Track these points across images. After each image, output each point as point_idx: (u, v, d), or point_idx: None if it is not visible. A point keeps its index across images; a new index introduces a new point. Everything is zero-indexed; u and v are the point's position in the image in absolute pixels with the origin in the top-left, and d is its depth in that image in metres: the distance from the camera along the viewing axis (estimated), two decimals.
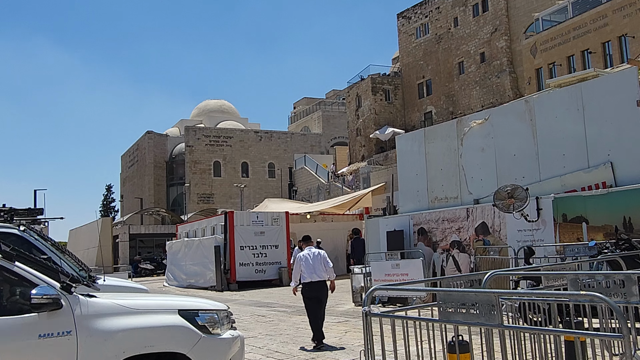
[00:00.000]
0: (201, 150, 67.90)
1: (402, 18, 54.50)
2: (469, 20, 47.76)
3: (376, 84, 53.04)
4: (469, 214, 12.53)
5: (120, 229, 42.83)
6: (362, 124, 53.76)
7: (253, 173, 70.40)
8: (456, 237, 12.83)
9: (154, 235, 43.95)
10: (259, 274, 23.42)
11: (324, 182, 50.00)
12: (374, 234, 15.01)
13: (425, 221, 13.59)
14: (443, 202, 13.49)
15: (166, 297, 7.08)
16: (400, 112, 53.60)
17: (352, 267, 15.05)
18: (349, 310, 13.97)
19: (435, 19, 50.95)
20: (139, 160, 75.88)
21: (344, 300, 16.40)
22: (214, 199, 65.88)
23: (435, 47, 50.78)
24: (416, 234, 13.86)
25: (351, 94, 55.87)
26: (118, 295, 6.02)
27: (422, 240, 13.71)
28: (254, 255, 23.43)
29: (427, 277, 13.17)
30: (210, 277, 23.66)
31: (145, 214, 51.91)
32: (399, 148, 14.88)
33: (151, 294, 7.64)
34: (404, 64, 53.70)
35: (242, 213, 24.37)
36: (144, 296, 6.63)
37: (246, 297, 19.24)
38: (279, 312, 14.53)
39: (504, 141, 12.17)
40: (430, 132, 13.98)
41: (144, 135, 73.20)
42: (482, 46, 46.27)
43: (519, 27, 44.74)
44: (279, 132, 74.01)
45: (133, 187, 78.73)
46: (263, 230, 23.77)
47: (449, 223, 12.99)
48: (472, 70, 47.47)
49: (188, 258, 26.07)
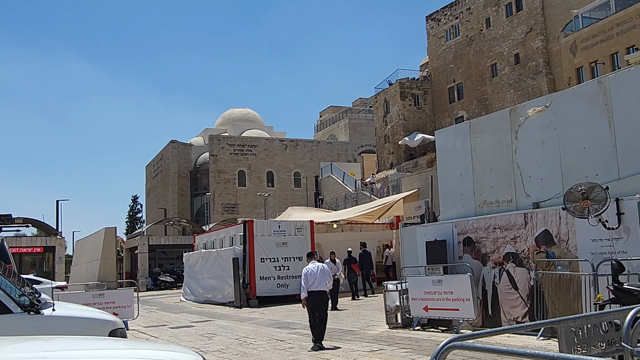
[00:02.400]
0: (225, 160, 66.55)
1: (432, 20, 52.67)
2: (502, 20, 45.74)
3: (405, 89, 51.11)
4: (527, 220, 10.42)
5: (139, 240, 41.31)
6: (390, 131, 51.78)
7: (278, 182, 68.79)
8: (511, 249, 10.72)
9: (175, 246, 42.39)
10: (281, 289, 21.44)
11: (352, 191, 48.08)
12: (411, 244, 12.95)
13: (473, 229, 11.50)
14: (494, 206, 11.40)
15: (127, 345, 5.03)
16: (430, 118, 51.58)
17: (385, 284, 13.00)
18: (382, 334, 11.93)
19: (466, 20, 49.04)
20: (162, 170, 74.83)
21: (376, 320, 14.35)
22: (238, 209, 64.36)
23: (467, 49, 48.81)
24: (461, 244, 11.77)
25: (379, 99, 53.96)
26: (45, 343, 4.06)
27: (468, 252, 11.62)
28: (276, 268, 21.48)
29: (476, 296, 11.09)
30: (229, 292, 21.77)
31: (167, 224, 50.40)
32: (439, 145, 12.82)
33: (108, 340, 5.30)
34: (433, 67, 51.70)
35: (262, 222, 22.43)
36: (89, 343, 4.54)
37: (266, 316, 17.29)
38: (301, 335, 12.55)
39: (570, 132, 10.07)
40: (477, 124, 11.90)
41: (167, 144, 72.16)
42: (516, 47, 44.19)
43: (555, 26, 42.57)
44: (305, 141, 72.35)
45: (157, 197, 77.68)
46: (285, 240, 21.82)
47: (502, 231, 10.88)
48: (505, 72, 45.40)
49: (205, 271, 24.23)
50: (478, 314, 11.04)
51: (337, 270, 18.70)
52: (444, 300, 11.36)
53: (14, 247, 36.98)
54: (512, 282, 10.68)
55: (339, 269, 18.90)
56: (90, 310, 7.65)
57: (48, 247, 37.52)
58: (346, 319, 15.17)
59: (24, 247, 37.31)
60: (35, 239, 40.24)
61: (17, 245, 37.04)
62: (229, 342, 12.16)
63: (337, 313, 16.57)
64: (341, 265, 19.48)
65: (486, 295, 11.18)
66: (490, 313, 11.08)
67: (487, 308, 11.15)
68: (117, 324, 6.55)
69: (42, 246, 37.57)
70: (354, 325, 13.68)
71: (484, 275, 11.24)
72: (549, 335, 9.73)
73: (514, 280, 10.63)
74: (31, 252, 37.82)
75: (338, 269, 18.81)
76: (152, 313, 20.61)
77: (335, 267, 18.51)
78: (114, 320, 6.71)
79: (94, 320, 6.59)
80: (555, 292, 9.61)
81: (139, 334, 14.61)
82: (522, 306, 10.44)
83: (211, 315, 18.37)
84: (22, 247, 37.19)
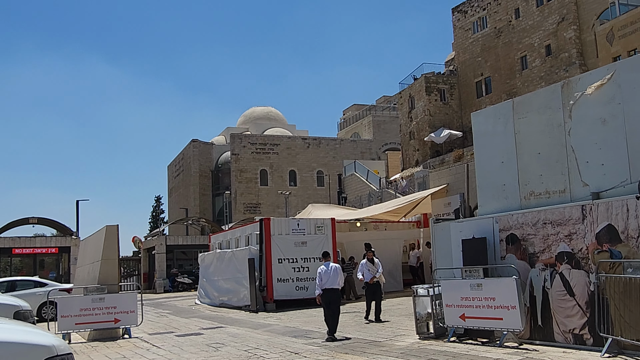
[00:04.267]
0: (247, 159, 65.46)
1: (458, 12, 50.91)
2: (532, 10, 43.85)
3: (430, 84, 49.37)
4: (585, 213, 8.76)
5: (157, 240, 40.13)
6: (415, 127, 50.09)
7: (301, 181, 67.50)
8: (566, 247, 9.06)
9: (195, 246, 41.14)
10: (299, 292, 19.91)
11: (376, 189, 46.45)
12: (444, 243, 11.34)
13: (518, 225, 9.86)
14: (543, 198, 9.74)
15: None
16: (456, 113, 49.81)
17: (415, 287, 11.38)
18: (412, 346, 10.34)
19: (494, 11, 47.21)
20: (184, 170, 74.03)
21: (404, 328, 12.76)
22: (260, 208, 63.21)
23: (495, 41, 47.00)
24: (504, 242, 10.13)
25: (403, 95, 52.24)
26: None
27: (512, 252, 9.97)
28: (294, 269, 19.96)
29: (524, 303, 9.44)
30: (245, 295, 20.31)
31: (186, 223, 49.22)
32: (476, 129, 11.19)
33: None
34: (460, 61, 49.90)
35: (280, 220, 20.88)
36: None
37: (282, 322, 15.78)
38: (318, 347, 11.01)
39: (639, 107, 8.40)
40: (522, 103, 10.24)
41: (189, 144, 71.32)
42: (547, 38, 42.27)
43: (589, 15, 40.61)
44: (328, 139, 70.96)
45: (179, 197, 76.92)
46: (305, 240, 20.28)
47: (554, 227, 9.23)
48: (536, 64, 43.51)
49: (220, 272, 22.80)
50: (525, 324, 9.39)
51: (377, 270, 14.66)
52: (484, 308, 9.74)
53: (28, 248, 36.10)
54: (566, 287, 9.02)
55: (378, 270, 14.67)
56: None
57: (63, 247, 36.51)
58: (370, 327, 13.61)
59: (39, 248, 36.33)
60: (50, 239, 39.29)
61: (32, 245, 36.10)
62: (237, 354, 10.68)
63: (361, 321, 14.97)
64: (381, 266, 14.96)
65: (534, 302, 9.53)
66: (540, 323, 9.43)
67: (535, 317, 9.50)
68: (21, 307, 6.02)
69: (57, 247, 36.57)
70: (379, 335, 12.12)
71: (531, 278, 9.59)
72: (615, 351, 8.09)
73: (569, 285, 8.97)
74: (46, 252, 36.83)
75: (377, 269, 14.66)
76: (162, 318, 19.25)
77: (374, 268, 14.65)
78: (19, 304, 5.85)
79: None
80: (623, 299, 7.95)
81: (141, 342, 13.21)
82: (580, 316, 8.78)
83: (224, 321, 16.93)
84: (37, 248, 36.23)
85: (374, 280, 14.50)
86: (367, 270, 14.59)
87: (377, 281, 14.61)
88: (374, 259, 14.87)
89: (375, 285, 14.53)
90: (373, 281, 14.49)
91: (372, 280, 14.48)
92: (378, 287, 14.60)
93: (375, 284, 14.54)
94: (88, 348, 12.77)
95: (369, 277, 14.51)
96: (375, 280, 14.53)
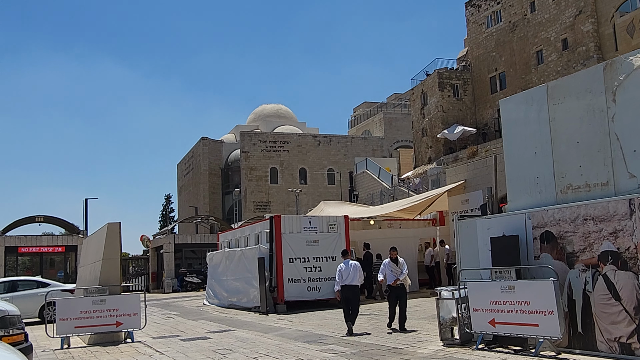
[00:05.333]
0: (257, 156, 64.74)
1: (471, 7, 49.97)
2: (548, 3, 42.90)
3: (443, 79, 48.45)
4: (633, 208, 7.85)
5: (165, 239, 39.39)
6: (428, 123, 49.16)
7: (311, 179, 66.67)
8: (610, 246, 8.15)
9: (204, 245, 40.41)
10: (312, 293, 19.05)
11: (388, 187, 45.54)
12: (469, 241, 10.44)
13: (554, 222, 8.94)
14: (582, 191, 8.83)
15: None
16: (470, 109, 48.85)
17: (439, 289, 10.48)
18: (436, 354, 9.45)
19: (508, 5, 46.27)
20: (194, 168, 73.39)
21: (425, 333, 11.86)
22: (270, 207, 62.44)
23: (509, 36, 46.04)
24: (538, 240, 9.22)
25: (416, 91, 51.29)
26: None
27: (548, 251, 9.06)
28: (306, 269, 19.09)
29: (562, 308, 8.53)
30: (254, 296, 19.47)
31: (195, 222, 48.49)
32: (505, 117, 10.26)
33: None
34: (473, 56, 48.91)
35: (291, 217, 19.99)
36: None
37: (294, 325, 14.93)
38: (334, 354, 10.13)
39: None
40: (558, 87, 9.32)
41: (198, 141, 70.68)
42: (564, 31, 41.30)
43: (607, 8, 39.61)
44: (339, 136, 70.08)
45: (189, 195, 76.30)
46: (317, 238, 19.40)
47: (597, 224, 8.31)
48: (552, 59, 42.54)
49: (229, 272, 21.96)
50: (564, 331, 8.48)
51: (401, 271, 12.86)
52: (517, 313, 8.83)
53: (34, 247, 35.46)
54: (611, 290, 8.11)
55: (403, 270, 12.88)
56: None
57: (70, 246, 35.85)
58: (388, 329, 12.72)
59: (45, 247, 35.68)
60: (57, 238, 38.67)
61: (38, 244, 35.47)
62: None
63: (379, 324, 14.11)
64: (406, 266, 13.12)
65: (574, 306, 8.62)
66: (581, 330, 8.51)
67: (575, 324, 8.59)
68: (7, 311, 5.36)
69: (64, 245, 35.90)
70: (398, 341, 11.22)
71: (570, 280, 8.67)
72: None
73: (615, 288, 8.05)
74: (52, 251, 36.18)
75: (402, 270, 12.87)
76: (169, 320, 18.45)
77: (398, 269, 12.85)
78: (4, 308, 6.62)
79: None
80: None
81: (144, 347, 12.40)
82: (628, 322, 7.87)
83: (232, 324, 16.10)
84: (43, 247, 35.58)
85: (398, 282, 12.81)
86: (389, 271, 12.89)
87: (402, 284, 12.90)
88: (398, 259, 13.10)
89: (399, 289, 12.84)
90: (397, 284, 12.80)
91: (396, 283, 12.80)
92: (403, 290, 12.90)
93: (399, 287, 12.85)
94: (87, 354, 11.98)
95: (392, 278, 12.85)
96: (399, 283, 12.83)
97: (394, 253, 13.15)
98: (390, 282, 12.87)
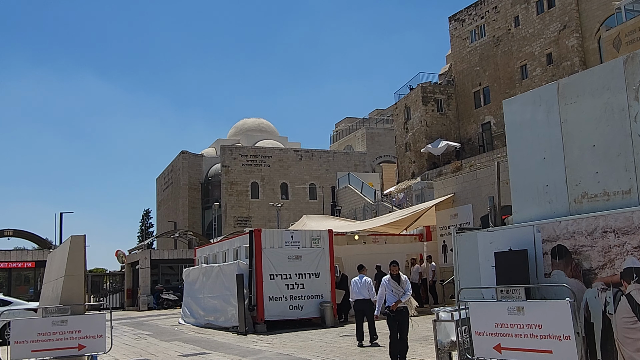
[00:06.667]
0: (238, 171, 63.61)
1: (455, 21, 49.69)
2: (532, 18, 42.67)
3: (427, 94, 47.94)
4: None
5: (141, 254, 37.97)
6: (411, 138, 48.52)
7: (293, 194, 65.63)
8: (636, 262, 7.19)
9: (182, 260, 39.03)
10: (294, 311, 17.94)
11: (371, 202, 44.66)
12: (469, 257, 9.44)
13: (568, 234, 7.99)
14: (600, 201, 7.89)
15: None
16: (454, 124, 48.37)
17: (436, 311, 9.44)
18: None
19: (492, 19, 46.04)
20: (173, 183, 71.99)
21: (419, 358, 10.80)
22: (251, 222, 61.17)
23: (493, 50, 45.79)
24: (549, 255, 8.24)
25: (399, 105, 50.67)
26: None
27: (560, 267, 8.08)
28: (288, 286, 17.99)
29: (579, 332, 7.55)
30: (233, 315, 18.30)
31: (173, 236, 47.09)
32: (509, 119, 9.33)
33: None
34: (457, 71, 48.48)
35: (272, 232, 18.91)
36: None
37: (274, 347, 13.80)
38: None
39: None
40: (570, 85, 8.43)
41: (178, 155, 69.36)
42: (548, 46, 41.08)
43: (592, 23, 39.45)
44: (320, 151, 69.22)
45: (167, 210, 74.77)
46: (299, 253, 18.34)
47: (619, 237, 7.36)
48: (537, 73, 42.23)
49: (206, 289, 20.76)
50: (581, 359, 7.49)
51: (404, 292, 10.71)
52: (527, 337, 7.82)
53: (1, 262, 33.89)
54: (637, 313, 7.14)
55: (405, 291, 10.73)
56: None
57: (41, 262, 34.22)
58: (378, 355, 11.67)
59: (14, 262, 34.10)
60: (27, 253, 37.07)
61: (6, 259, 33.89)
62: None
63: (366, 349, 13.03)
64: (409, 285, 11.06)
65: (591, 330, 7.63)
66: (600, 358, 7.53)
67: (593, 350, 7.60)
68: None
69: (34, 261, 34.34)
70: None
71: (587, 301, 7.70)
72: None
73: None
74: (22, 267, 34.61)
75: (405, 290, 10.73)
76: (140, 341, 17.20)
77: (400, 288, 10.68)
78: None
79: None
80: None
81: None
82: None
83: (208, 345, 14.92)
84: (12, 262, 34.00)
85: (400, 305, 10.61)
86: (390, 290, 10.71)
87: (404, 307, 10.74)
88: (401, 276, 10.89)
89: (401, 313, 10.61)
90: (398, 307, 10.58)
91: (396, 306, 10.55)
92: (406, 315, 10.68)
93: (401, 310, 10.63)
94: None
95: (393, 300, 10.61)
96: (401, 306, 10.64)
97: (395, 269, 10.92)
98: (390, 304, 10.64)
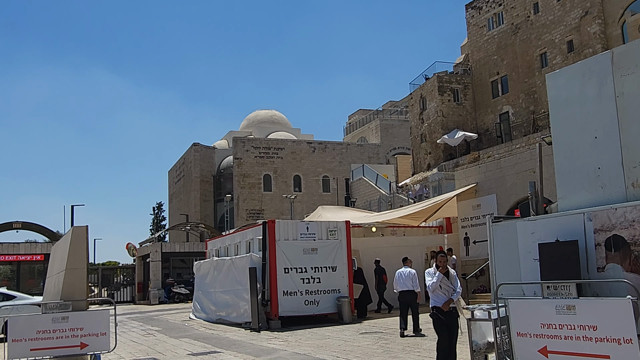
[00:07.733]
0: (250, 163, 62.78)
1: (472, 9, 48.34)
2: (552, 4, 41.29)
3: (443, 83, 46.70)
4: None
5: (152, 247, 37.26)
6: (427, 129, 47.38)
7: (306, 187, 64.74)
8: None
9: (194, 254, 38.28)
10: (309, 307, 17.08)
11: (386, 194, 43.64)
12: (509, 249, 8.50)
13: (625, 223, 7.04)
14: None
15: None
16: (470, 114, 47.14)
17: (472, 308, 8.50)
18: None
19: (510, 7, 44.67)
20: (185, 175, 71.33)
21: None
22: (263, 214, 60.37)
23: (512, 38, 44.44)
24: (602, 247, 7.30)
25: (414, 95, 49.49)
26: None
27: (617, 260, 7.14)
28: (303, 280, 17.13)
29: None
30: (245, 310, 17.47)
31: (185, 229, 46.35)
32: (553, 95, 8.37)
33: None
34: (474, 60, 47.22)
35: (286, 223, 17.98)
36: None
37: (289, 345, 12.94)
38: None
39: None
40: (627, 54, 7.46)
41: (190, 148, 68.65)
42: (569, 33, 39.68)
43: (615, 9, 38.04)
44: (334, 143, 68.26)
45: (179, 203, 74.21)
46: (315, 246, 17.45)
47: None
48: (557, 62, 40.88)
49: (217, 283, 19.95)
50: None
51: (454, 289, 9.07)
52: (579, 340, 6.88)
53: (10, 255, 33.32)
54: None
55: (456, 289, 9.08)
56: None
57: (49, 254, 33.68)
58: (401, 355, 10.77)
59: (23, 255, 33.49)
60: (36, 245, 36.44)
61: (15, 252, 33.28)
62: None
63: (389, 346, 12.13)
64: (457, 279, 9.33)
65: None
66: None
67: None
68: None
69: (43, 254, 33.69)
70: None
71: None
72: None
73: None
74: (31, 260, 33.99)
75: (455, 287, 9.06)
76: (148, 337, 16.41)
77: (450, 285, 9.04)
78: None
79: None
80: None
81: None
82: None
83: (219, 343, 14.09)
84: (21, 255, 33.39)
85: (450, 305, 9.00)
86: (439, 287, 8.98)
87: (454, 308, 9.09)
88: (449, 270, 9.18)
89: (452, 316, 9.04)
90: (449, 307, 8.96)
91: (448, 306, 8.94)
92: (456, 318, 9.10)
93: (452, 312, 9.05)
94: None
95: (442, 300, 8.96)
96: (452, 306, 9.03)
97: (442, 259, 9.14)
98: (439, 304, 8.97)
